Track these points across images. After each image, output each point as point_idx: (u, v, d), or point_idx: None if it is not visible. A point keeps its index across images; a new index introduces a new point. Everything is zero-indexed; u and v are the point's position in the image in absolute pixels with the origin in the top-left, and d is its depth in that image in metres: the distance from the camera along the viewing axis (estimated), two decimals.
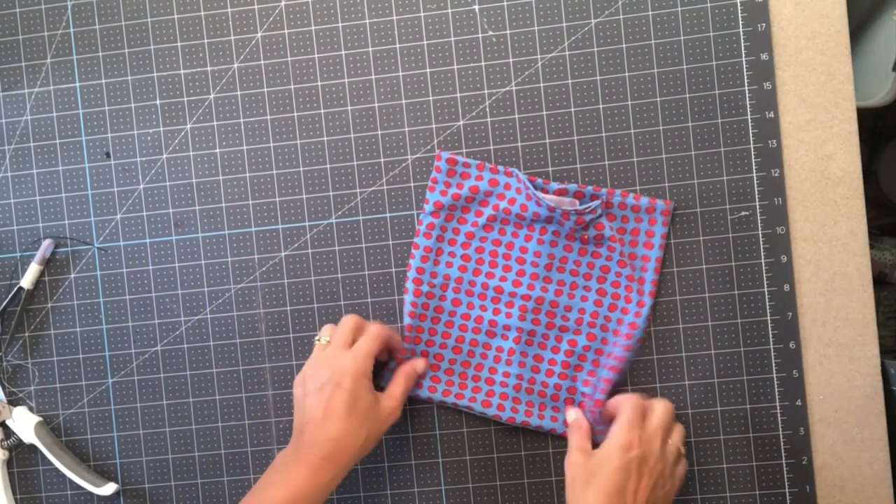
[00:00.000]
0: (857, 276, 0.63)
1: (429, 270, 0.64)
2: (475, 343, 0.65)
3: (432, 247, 0.64)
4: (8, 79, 0.68)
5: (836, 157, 0.63)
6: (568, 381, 0.64)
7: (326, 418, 0.55)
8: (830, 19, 0.63)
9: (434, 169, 0.64)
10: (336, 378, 0.56)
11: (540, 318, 0.64)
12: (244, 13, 0.66)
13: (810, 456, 0.63)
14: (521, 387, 0.64)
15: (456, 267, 0.65)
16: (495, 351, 0.64)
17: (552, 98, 0.64)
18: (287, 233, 0.66)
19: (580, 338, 0.64)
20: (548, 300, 0.64)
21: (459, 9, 0.65)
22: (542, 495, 0.65)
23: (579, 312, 0.64)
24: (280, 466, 0.55)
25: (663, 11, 0.63)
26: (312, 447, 0.55)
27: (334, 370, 0.56)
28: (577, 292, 0.64)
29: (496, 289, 0.64)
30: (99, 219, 0.67)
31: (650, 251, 0.63)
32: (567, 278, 0.64)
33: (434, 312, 0.65)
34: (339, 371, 0.56)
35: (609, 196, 0.63)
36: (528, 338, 0.64)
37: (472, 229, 0.64)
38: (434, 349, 0.65)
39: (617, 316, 0.64)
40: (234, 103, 0.66)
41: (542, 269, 0.63)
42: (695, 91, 0.63)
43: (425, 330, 0.65)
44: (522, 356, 0.64)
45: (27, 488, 0.68)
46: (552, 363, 0.64)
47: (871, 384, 0.63)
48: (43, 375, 0.68)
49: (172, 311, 0.67)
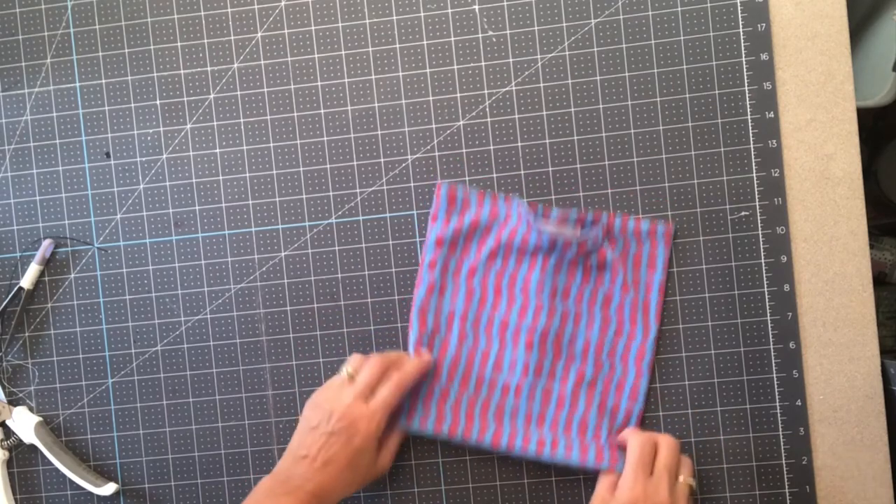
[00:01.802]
0: (857, 276, 0.63)
1: (433, 305, 0.64)
2: (482, 378, 0.64)
3: (436, 282, 0.64)
4: (8, 79, 0.68)
5: (836, 157, 0.63)
6: (578, 412, 0.63)
7: (327, 464, 0.56)
8: (830, 19, 0.63)
9: (434, 199, 0.64)
10: (349, 432, 0.57)
11: (546, 349, 0.63)
12: (244, 13, 0.66)
13: (810, 456, 0.63)
14: (531, 420, 0.63)
15: (460, 301, 0.64)
16: (503, 385, 0.64)
17: (552, 98, 0.64)
18: (287, 233, 0.66)
19: (588, 367, 0.63)
20: (553, 331, 0.63)
21: (459, 9, 0.65)
22: (542, 495, 0.65)
23: (585, 341, 0.63)
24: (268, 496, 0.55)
25: (663, 11, 0.63)
26: (304, 483, 0.56)
27: (350, 424, 0.57)
28: (581, 321, 0.63)
29: (501, 322, 0.64)
30: (99, 219, 0.67)
31: (653, 274, 0.63)
32: (571, 307, 0.63)
33: (440, 348, 0.64)
34: (355, 429, 0.57)
35: (610, 221, 0.62)
36: (535, 370, 0.63)
37: (475, 263, 0.64)
38: (441, 385, 0.64)
39: (623, 342, 0.63)
40: (234, 103, 0.66)
41: (546, 300, 0.63)
42: (695, 91, 0.63)
43: (432, 366, 0.64)
44: (531, 389, 0.63)
45: (27, 488, 0.68)
46: (561, 394, 0.64)
47: (871, 384, 0.63)
48: (43, 375, 0.68)
49: (172, 311, 0.67)
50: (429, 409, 0.64)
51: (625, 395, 0.63)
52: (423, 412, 0.64)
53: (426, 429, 0.63)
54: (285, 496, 0.55)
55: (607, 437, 0.63)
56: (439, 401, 0.64)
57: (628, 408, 0.63)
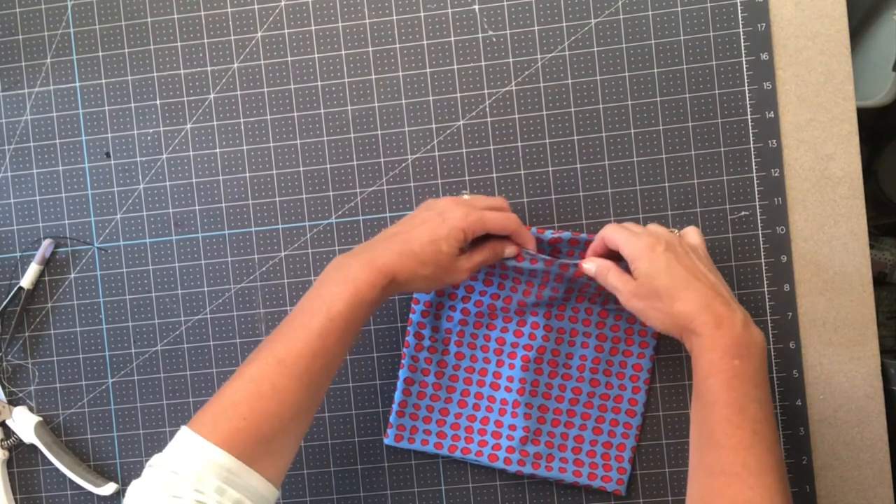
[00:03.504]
0: (857, 276, 0.63)
1: (430, 325, 0.64)
2: (480, 396, 0.64)
3: (432, 301, 0.64)
4: (8, 79, 0.68)
5: (836, 157, 0.63)
6: (575, 430, 0.63)
7: (407, 242, 0.54)
8: (830, 19, 0.63)
9: None
10: (445, 217, 0.56)
11: (542, 367, 0.63)
12: (244, 13, 0.66)
13: (810, 456, 0.63)
14: (527, 438, 0.63)
15: (456, 321, 0.64)
16: (500, 403, 0.64)
17: (552, 98, 0.64)
18: (287, 233, 0.66)
19: (584, 385, 0.63)
20: (549, 349, 0.63)
21: (459, 9, 0.65)
22: (542, 495, 0.65)
23: (581, 359, 0.63)
24: (337, 267, 0.54)
25: (663, 11, 0.63)
26: (378, 256, 0.53)
27: (449, 211, 0.56)
28: (577, 339, 0.63)
29: (498, 340, 0.64)
30: (99, 219, 0.67)
31: None
32: (567, 326, 0.63)
33: (437, 367, 0.64)
34: (453, 216, 0.56)
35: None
36: (531, 388, 0.63)
37: (471, 282, 0.63)
38: (439, 404, 0.64)
39: (619, 359, 0.63)
40: (234, 103, 0.66)
41: (541, 319, 0.63)
42: (695, 91, 0.63)
43: (429, 385, 0.64)
44: (528, 407, 0.63)
45: (27, 488, 0.68)
46: (557, 412, 0.64)
47: (871, 384, 0.63)
48: (43, 375, 0.68)
49: (172, 311, 0.67)
50: (428, 428, 0.64)
51: (622, 410, 0.63)
52: (422, 431, 0.64)
53: (426, 447, 0.64)
54: (356, 267, 0.53)
55: (603, 452, 0.63)
56: (437, 419, 0.64)
57: (626, 423, 0.63)
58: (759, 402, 0.50)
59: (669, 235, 0.56)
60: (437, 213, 0.56)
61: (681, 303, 0.52)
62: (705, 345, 0.51)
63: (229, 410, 0.48)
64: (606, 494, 0.64)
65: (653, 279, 0.53)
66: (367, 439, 0.66)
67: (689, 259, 0.54)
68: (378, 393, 0.66)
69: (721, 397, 0.49)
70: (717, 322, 0.50)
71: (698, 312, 0.51)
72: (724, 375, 0.49)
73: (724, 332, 0.50)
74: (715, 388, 0.50)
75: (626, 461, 0.63)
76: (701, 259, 0.55)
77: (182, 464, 0.46)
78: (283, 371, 0.49)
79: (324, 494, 0.66)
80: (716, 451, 0.49)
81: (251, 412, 0.48)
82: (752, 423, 0.49)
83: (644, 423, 0.64)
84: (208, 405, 0.49)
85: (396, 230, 0.57)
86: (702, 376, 0.51)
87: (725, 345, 0.50)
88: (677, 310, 0.52)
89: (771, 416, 0.51)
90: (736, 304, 0.52)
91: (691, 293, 0.52)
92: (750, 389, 0.50)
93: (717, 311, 0.51)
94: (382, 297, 0.53)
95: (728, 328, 0.50)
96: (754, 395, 0.50)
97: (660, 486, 0.64)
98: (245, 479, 0.46)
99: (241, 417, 0.47)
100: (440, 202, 0.58)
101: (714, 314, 0.51)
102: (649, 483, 0.64)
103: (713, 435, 0.50)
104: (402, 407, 0.64)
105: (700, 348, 0.51)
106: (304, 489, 0.66)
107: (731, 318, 0.51)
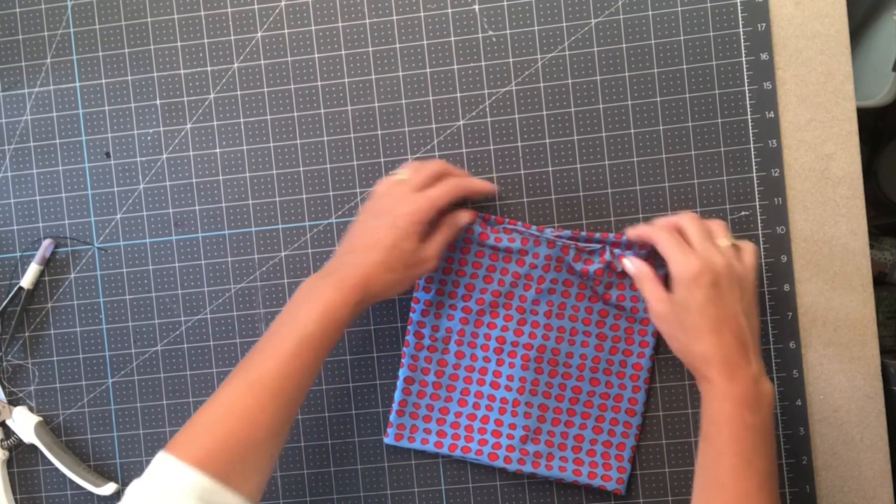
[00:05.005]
0: (857, 276, 0.63)
1: (430, 324, 0.64)
2: (480, 395, 0.64)
3: (432, 300, 0.64)
4: (8, 79, 0.68)
5: (836, 157, 0.63)
6: (575, 429, 0.63)
7: (370, 250, 0.55)
8: (830, 19, 0.63)
9: None
10: (394, 217, 0.56)
11: (542, 366, 0.63)
12: (244, 13, 0.66)
13: (810, 456, 0.63)
14: (527, 437, 0.63)
15: (457, 319, 0.64)
16: (500, 402, 0.64)
17: (552, 98, 0.64)
18: (287, 233, 0.66)
19: (584, 384, 0.63)
20: (549, 348, 0.63)
21: (459, 9, 0.65)
22: (542, 495, 0.65)
23: (581, 358, 0.63)
24: (309, 288, 0.55)
25: (663, 11, 0.63)
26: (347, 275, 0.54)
27: (396, 210, 0.56)
28: (577, 338, 0.63)
29: (498, 339, 0.64)
30: (99, 219, 0.67)
31: None
32: (567, 324, 0.63)
33: (437, 366, 0.64)
34: (400, 212, 0.56)
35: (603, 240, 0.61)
36: (531, 387, 0.63)
37: (472, 281, 0.63)
38: (439, 403, 0.64)
39: (619, 358, 0.63)
40: (234, 103, 0.66)
41: (541, 318, 0.63)
42: (695, 91, 0.63)
43: (429, 384, 0.64)
44: (528, 406, 0.63)
45: (27, 488, 0.68)
46: (557, 411, 0.63)
47: (871, 384, 0.63)
48: (43, 375, 0.68)
49: (172, 311, 0.67)
50: (428, 427, 0.64)
51: (622, 410, 0.63)
52: (422, 430, 0.64)
53: (426, 446, 0.64)
54: (327, 287, 0.53)
55: (603, 451, 0.63)
56: (438, 418, 0.64)
57: (626, 422, 0.63)
58: (766, 457, 0.52)
59: (721, 262, 0.53)
60: (386, 214, 0.56)
61: (701, 344, 0.53)
62: (717, 393, 0.52)
63: (204, 434, 0.49)
64: (606, 494, 0.64)
65: (683, 312, 0.54)
66: (367, 439, 0.66)
67: (730, 298, 0.53)
68: (378, 392, 0.66)
69: (730, 448, 0.51)
70: (730, 373, 0.52)
71: (715, 361, 0.52)
72: (736, 428, 0.51)
73: (736, 385, 0.52)
74: (725, 438, 0.51)
75: (626, 460, 0.63)
76: (745, 292, 0.54)
77: (160, 487, 0.46)
78: (255, 393, 0.50)
79: (324, 494, 0.66)
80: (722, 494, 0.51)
81: (225, 433, 0.49)
82: (758, 475, 0.51)
83: (644, 423, 0.64)
84: (184, 429, 0.50)
85: (354, 243, 0.57)
86: (712, 421, 0.52)
87: (737, 397, 0.51)
88: (696, 350, 0.53)
89: (775, 468, 0.53)
90: (754, 356, 0.53)
91: (713, 338, 0.52)
92: (758, 442, 0.51)
93: (733, 362, 0.52)
94: (355, 312, 0.54)
95: (741, 381, 0.52)
96: (761, 450, 0.51)
97: (660, 486, 0.64)
98: (222, 498, 0.47)
99: (215, 439, 0.48)
100: (383, 202, 0.58)
101: (730, 365, 0.52)
102: (649, 483, 0.64)
103: (719, 479, 0.51)
104: (402, 406, 0.64)
105: (711, 394, 0.52)
106: (304, 489, 0.66)
107: (746, 371, 0.52)
